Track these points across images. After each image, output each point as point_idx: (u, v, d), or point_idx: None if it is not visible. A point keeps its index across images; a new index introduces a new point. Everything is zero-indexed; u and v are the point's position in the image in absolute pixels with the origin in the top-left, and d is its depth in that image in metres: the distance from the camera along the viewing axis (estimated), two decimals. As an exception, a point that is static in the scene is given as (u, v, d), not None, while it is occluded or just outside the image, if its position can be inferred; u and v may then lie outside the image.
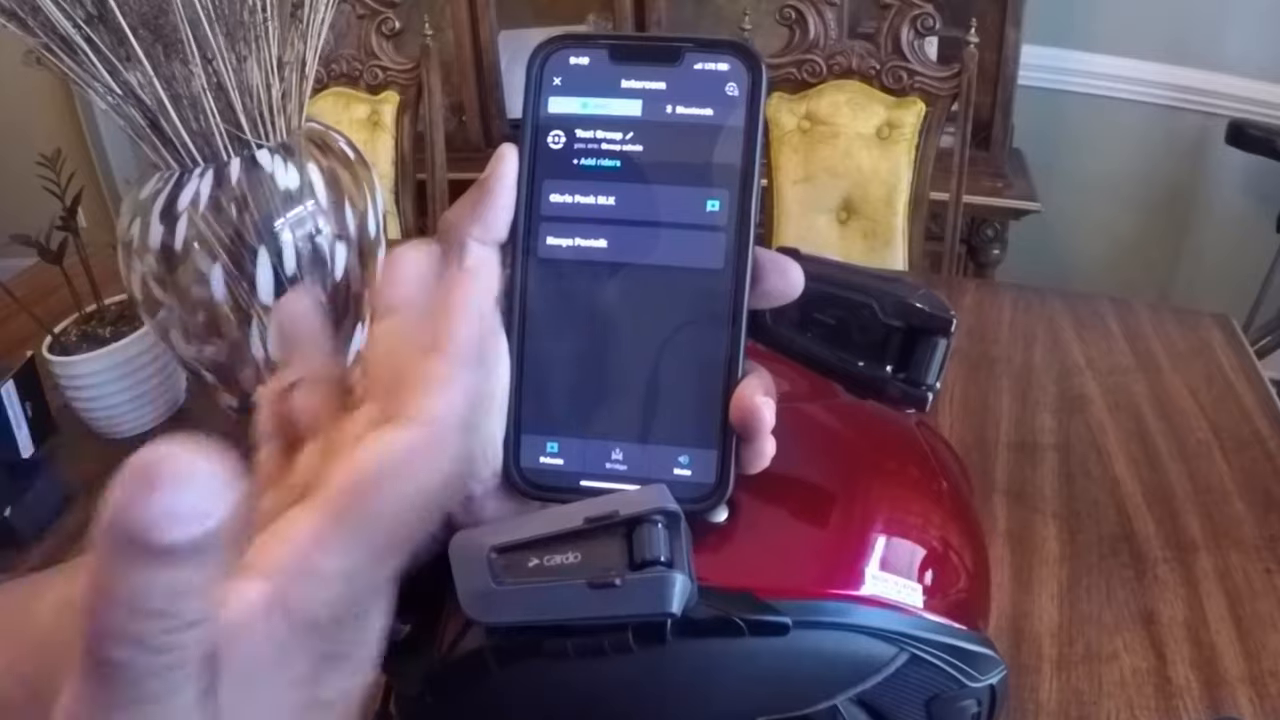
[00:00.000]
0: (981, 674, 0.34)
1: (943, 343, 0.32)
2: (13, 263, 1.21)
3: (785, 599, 0.30)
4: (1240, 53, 1.94)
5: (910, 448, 0.41)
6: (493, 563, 0.28)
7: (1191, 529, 0.76)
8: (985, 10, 1.76)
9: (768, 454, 0.30)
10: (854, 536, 0.34)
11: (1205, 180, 2.08)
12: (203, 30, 0.63)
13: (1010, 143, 1.98)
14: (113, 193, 2.61)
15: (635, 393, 0.30)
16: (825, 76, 1.41)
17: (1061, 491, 0.81)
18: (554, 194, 0.30)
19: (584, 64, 0.30)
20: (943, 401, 0.93)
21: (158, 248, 0.68)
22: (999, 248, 1.96)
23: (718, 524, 0.32)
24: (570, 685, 0.30)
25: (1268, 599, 0.69)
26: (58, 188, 0.90)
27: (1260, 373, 0.97)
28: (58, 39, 0.62)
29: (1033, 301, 1.12)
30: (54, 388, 0.94)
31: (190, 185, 0.67)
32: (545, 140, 0.30)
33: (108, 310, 0.95)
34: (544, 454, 0.30)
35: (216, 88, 0.66)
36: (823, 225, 1.47)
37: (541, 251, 0.30)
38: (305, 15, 0.69)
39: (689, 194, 0.30)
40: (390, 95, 1.58)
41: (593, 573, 0.27)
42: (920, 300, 0.32)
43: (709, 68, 0.30)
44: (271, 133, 0.70)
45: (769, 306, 0.31)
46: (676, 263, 0.30)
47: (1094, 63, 2.03)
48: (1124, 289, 2.09)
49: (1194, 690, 0.62)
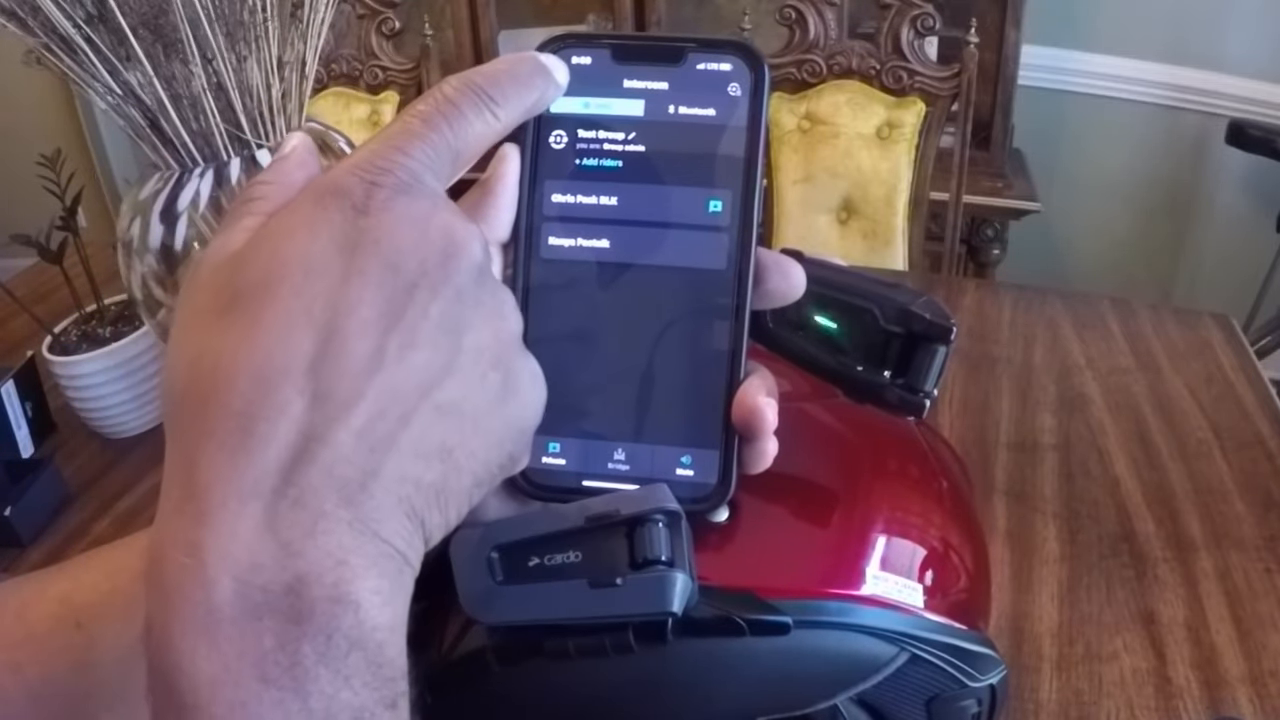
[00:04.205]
0: (982, 674, 0.34)
1: (943, 350, 0.32)
2: (13, 263, 1.21)
3: (786, 598, 0.31)
4: (1240, 53, 1.94)
5: (910, 447, 0.41)
6: (493, 562, 0.28)
7: (1191, 529, 0.76)
8: (985, 10, 1.76)
9: (770, 454, 0.30)
10: (855, 536, 0.34)
11: (1205, 180, 2.08)
12: (203, 30, 0.63)
13: (1010, 143, 1.98)
14: (113, 193, 2.61)
15: (637, 393, 0.30)
16: (825, 76, 1.42)
17: (1061, 491, 0.81)
18: (556, 194, 0.30)
19: (586, 63, 0.30)
20: (943, 401, 0.93)
21: (158, 248, 0.68)
22: (999, 248, 1.96)
23: (718, 523, 0.32)
24: (571, 685, 0.30)
25: (1268, 599, 0.69)
26: (58, 188, 0.90)
27: (1260, 373, 0.97)
28: (58, 39, 0.62)
29: (1033, 301, 1.12)
30: (54, 388, 0.94)
31: (190, 185, 0.67)
32: (547, 140, 0.30)
33: (108, 310, 0.95)
34: (546, 454, 0.30)
35: (216, 88, 0.66)
36: (823, 225, 1.47)
37: (544, 252, 0.30)
38: (305, 15, 0.69)
39: (691, 194, 0.30)
40: (390, 95, 1.58)
41: (594, 572, 0.27)
42: (921, 307, 0.32)
43: (711, 68, 0.30)
44: (271, 133, 0.70)
45: (770, 307, 0.31)
46: (679, 263, 0.30)
47: (1094, 63, 2.03)
48: (1124, 289, 2.09)
49: (1194, 690, 0.62)
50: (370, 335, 0.22)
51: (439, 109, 0.26)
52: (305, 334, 0.22)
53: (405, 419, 0.23)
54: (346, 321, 0.22)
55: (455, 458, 0.24)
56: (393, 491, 0.22)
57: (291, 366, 0.22)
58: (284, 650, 0.20)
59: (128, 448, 0.92)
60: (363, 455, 0.22)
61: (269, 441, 0.21)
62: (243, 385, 0.21)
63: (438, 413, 0.23)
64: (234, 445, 0.21)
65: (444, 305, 0.23)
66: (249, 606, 0.20)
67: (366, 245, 0.23)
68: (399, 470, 0.22)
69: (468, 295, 0.24)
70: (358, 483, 0.22)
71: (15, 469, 0.85)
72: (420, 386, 0.23)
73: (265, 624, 0.20)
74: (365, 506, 0.22)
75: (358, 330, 0.22)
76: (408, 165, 0.24)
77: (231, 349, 0.22)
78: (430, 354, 0.23)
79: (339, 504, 0.21)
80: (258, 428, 0.21)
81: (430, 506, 0.23)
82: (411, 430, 0.23)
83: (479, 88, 0.26)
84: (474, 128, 0.26)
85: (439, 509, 0.24)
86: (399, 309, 0.23)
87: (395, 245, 0.23)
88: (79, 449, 0.93)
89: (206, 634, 0.20)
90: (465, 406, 0.24)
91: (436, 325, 0.23)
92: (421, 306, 0.23)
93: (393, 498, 0.22)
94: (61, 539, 0.82)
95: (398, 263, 0.23)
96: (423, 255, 0.23)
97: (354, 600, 0.21)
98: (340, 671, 0.21)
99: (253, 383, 0.21)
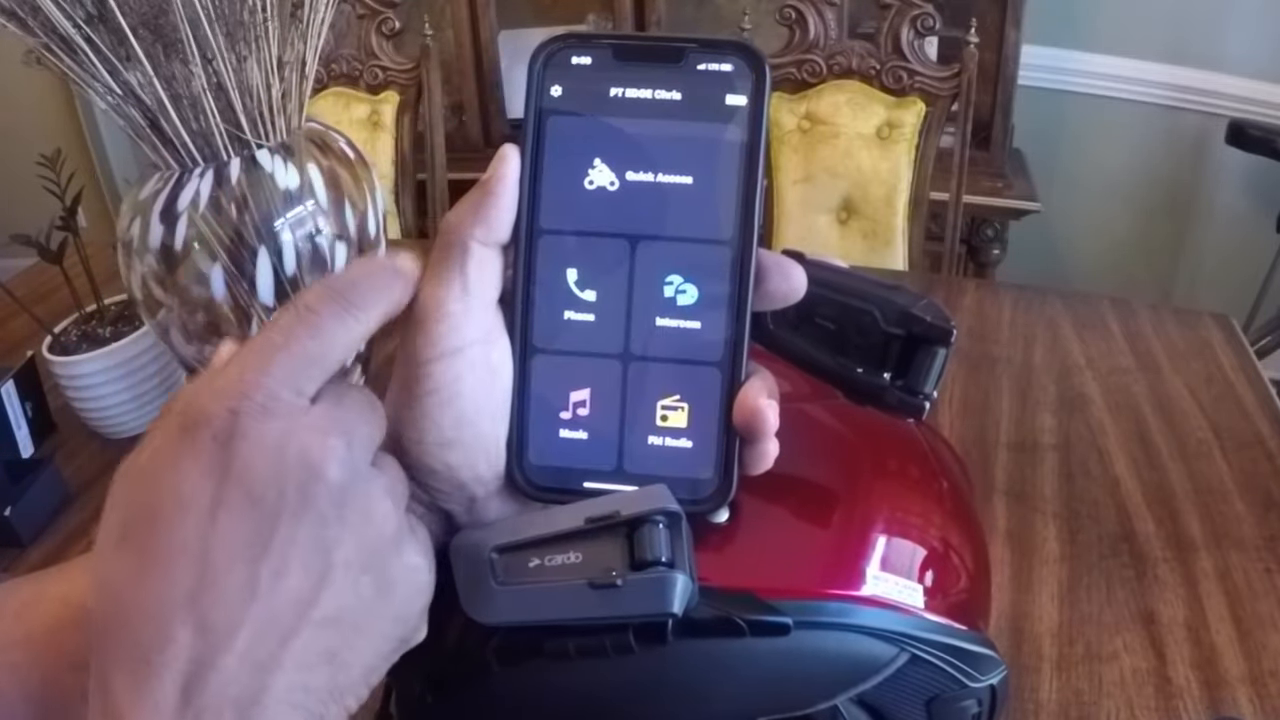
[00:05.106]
0: (982, 674, 0.34)
1: (942, 352, 0.32)
2: (13, 263, 1.21)
3: (786, 599, 0.31)
4: (1240, 53, 1.93)
5: (911, 448, 0.41)
6: (494, 563, 0.28)
7: (1191, 529, 0.76)
8: (985, 10, 1.76)
9: (771, 455, 0.30)
10: (855, 537, 0.34)
11: (1205, 180, 2.08)
12: (203, 30, 0.62)
13: (1010, 143, 1.98)
14: (113, 193, 2.61)
15: (638, 394, 0.30)
16: (825, 76, 1.41)
17: (1061, 491, 0.81)
18: (556, 195, 0.30)
19: (586, 64, 0.30)
20: (943, 401, 0.93)
21: (158, 248, 0.68)
22: (999, 248, 1.96)
23: (719, 524, 0.32)
24: (571, 685, 0.30)
25: (1268, 599, 0.69)
26: (58, 188, 0.90)
27: (1260, 373, 0.97)
28: (58, 39, 0.62)
29: (1033, 301, 1.12)
30: (54, 388, 0.94)
31: (190, 185, 0.67)
32: (547, 141, 0.30)
33: (108, 310, 0.95)
34: (546, 455, 0.30)
35: (216, 88, 0.66)
36: (823, 225, 1.47)
37: (544, 252, 0.30)
38: (305, 15, 0.69)
39: (692, 195, 0.30)
40: (390, 95, 1.58)
41: (594, 573, 0.27)
42: (922, 309, 0.32)
43: (712, 68, 0.30)
44: (271, 133, 0.70)
45: (771, 308, 0.31)
46: (679, 263, 0.30)
47: (1094, 63, 2.03)
48: (1124, 289, 2.09)
49: (1194, 690, 0.62)
50: (241, 565, 0.24)
51: (299, 319, 0.27)
52: (183, 568, 0.24)
53: (285, 639, 0.24)
54: (218, 554, 0.24)
55: (341, 658, 0.25)
56: (284, 700, 0.24)
57: (174, 600, 0.24)
58: None
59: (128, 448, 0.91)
60: (249, 675, 0.24)
61: (164, 670, 0.23)
62: (136, 620, 0.24)
63: (317, 627, 0.25)
64: (137, 673, 0.23)
65: (309, 529, 0.25)
66: None
67: (230, 477, 0.24)
68: (286, 682, 0.24)
69: (329, 516, 0.25)
70: (250, 698, 0.24)
71: (15, 469, 0.85)
72: (296, 607, 0.25)
73: None
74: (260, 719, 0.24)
75: (229, 561, 0.24)
76: (266, 386, 0.25)
77: (124, 582, 0.24)
78: (301, 578, 0.25)
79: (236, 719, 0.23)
80: (153, 658, 0.23)
81: (325, 703, 0.25)
82: (292, 648, 0.24)
83: (338, 294, 0.27)
84: (335, 335, 0.27)
85: (335, 702, 0.26)
86: (266, 538, 0.24)
87: (254, 475, 0.25)
88: (79, 449, 0.93)
89: None
90: (344, 615, 0.25)
91: (305, 549, 0.25)
92: (288, 533, 0.25)
93: (285, 706, 0.24)
94: (61, 539, 0.82)
95: (260, 494, 0.25)
96: (281, 484, 0.25)
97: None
98: None
99: (144, 618, 0.24)
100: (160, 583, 0.24)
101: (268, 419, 0.25)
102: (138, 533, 0.25)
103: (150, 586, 0.24)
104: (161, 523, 0.24)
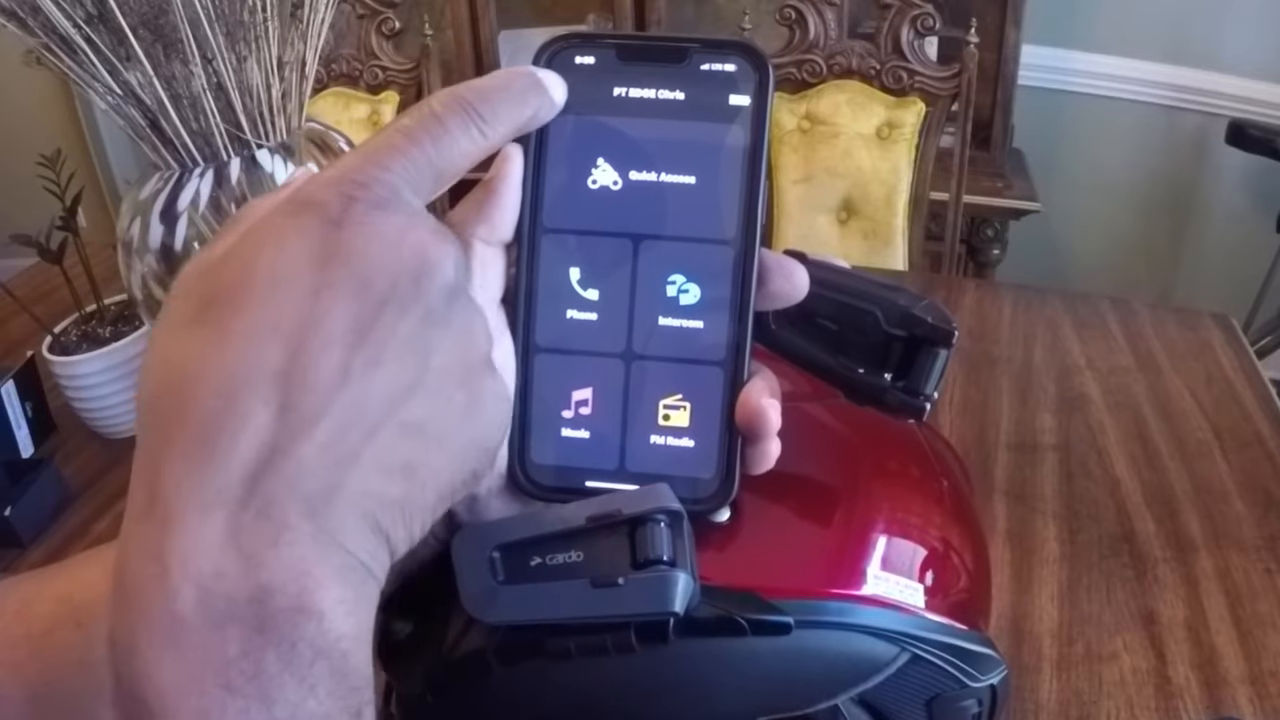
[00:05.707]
0: (982, 674, 0.34)
1: (944, 354, 0.32)
2: (13, 263, 1.21)
3: (787, 598, 0.31)
4: (1240, 53, 1.94)
5: (911, 448, 0.41)
6: (495, 561, 0.28)
7: (1191, 529, 0.76)
8: (985, 10, 1.76)
9: (773, 455, 0.30)
10: (856, 536, 0.34)
11: (1205, 180, 2.08)
12: (203, 30, 0.62)
13: (1010, 143, 1.98)
14: (113, 193, 2.61)
15: (640, 393, 0.30)
16: (825, 76, 1.41)
17: (1061, 491, 0.81)
18: (559, 194, 0.30)
19: (590, 63, 0.30)
20: (943, 402, 0.93)
21: (158, 248, 0.68)
22: (999, 248, 1.96)
23: (720, 523, 0.32)
24: (573, 685, 0.30)
25: (1268, 599, 0.69)
26: (58, 188, 0.90)
27: (1260, 373, 0.97)
28: (58, 39, 0.62)
29: (1033, 301, 1.12)
30: (54, 388, 0.94)
31: (190, 185, 0.67)
32: (550, 140, 0.30)
33: (108, 310, 0.95)
34: (548, 454, 0.30)
35: (216, 88, 0.66)
36: (823, 225, 1.47)
37: (547, 251, 0.30)
38: (305, 15, 0.69)
39: (695, 195, 0.30)
40: (390, 95, 1.58)
41: (595, 572, 0.27)
42: (923, 310, 0.32)
43: (715, 68, 0.30)
44: (271, 133, 0.70)
45: (774, 308, 0.31)
46: (681, 263, 0.30)
47: (1094, 63, 2.03)
48: (1124, 289, 2.09)
49: (1194, 690, 0.62)
50: (337, 350, 0.22)
51: (424, 124, 0.26)
52: (272, 345, 0.22)
53: (369, 435, 0.23)
54: (313, 335, 0.22)
55: (419, 475, 0.24)
56: (356, 505, 0.22)
57: (257, 378, 0.22)
58: (248, 659, 0.20)
59: (128, 448, 0.91)
60: (327, 469, 0.22)
61: (232, 452, 0.21)
62: (207, 395, 0.21)
63: (402, 430, 0.23)
64: (197, 455, 0.21)
65: (412, 324, 0.23)
66: (212, 615, 0.20)
67: (338, 259, 0.23)
68: (363, 485, 0.22)
69: (437, 315, 0.24)
70: (321, 496, 0.22)
71: (15, 469, 0.85)
72: (385, 404, 0.23)
73: (229, 633, 0.20)
74: (329, 520, 0.22)
75: (325, 344, 0.22)
76: (386, 180, 0.24)
77: (198, 358, 0.22)
78: (396, 372, 0.23)
79: (302, 516, 0.21)
80: (221, 438, 0.21)
81: (394, 521, 0.24)
82: (376, 446, 0.23)
83: (468, 104, 0.26)
84: (459, 145, 0.26)
85: (403, 524, 0.24)
86: (367, 325, 0.23)
87: (367, 261, 0.23)
88: (79, 449, 0.93)
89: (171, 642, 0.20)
90: (430, 426, 0.24)
91: (404, 344, 0.23)
92: (390, 324, 0.23)
93: (356, 511, 0.22)
94: (61, 539, 0.82)
95: (369, 278, 0.23)
96: (394, 273, 0.23)
97: (317, 610, 0.21)
98: (305, 680, 0.21)
99: (217, 393, 0.21)
100: (243, 358, 0.22)
101: (385, 210, 0.24)
102: (219, 312, 0.22)
103: (229, 360, 0.22)
104: (253, 300, 0.22)
